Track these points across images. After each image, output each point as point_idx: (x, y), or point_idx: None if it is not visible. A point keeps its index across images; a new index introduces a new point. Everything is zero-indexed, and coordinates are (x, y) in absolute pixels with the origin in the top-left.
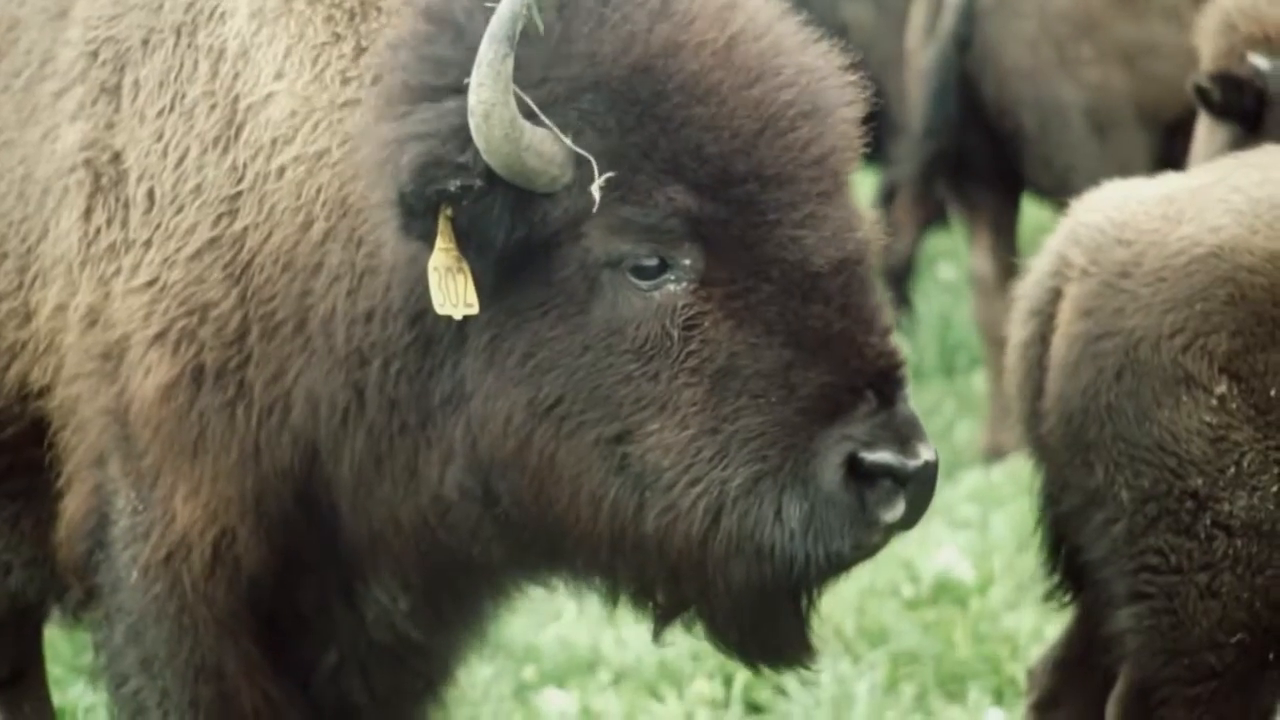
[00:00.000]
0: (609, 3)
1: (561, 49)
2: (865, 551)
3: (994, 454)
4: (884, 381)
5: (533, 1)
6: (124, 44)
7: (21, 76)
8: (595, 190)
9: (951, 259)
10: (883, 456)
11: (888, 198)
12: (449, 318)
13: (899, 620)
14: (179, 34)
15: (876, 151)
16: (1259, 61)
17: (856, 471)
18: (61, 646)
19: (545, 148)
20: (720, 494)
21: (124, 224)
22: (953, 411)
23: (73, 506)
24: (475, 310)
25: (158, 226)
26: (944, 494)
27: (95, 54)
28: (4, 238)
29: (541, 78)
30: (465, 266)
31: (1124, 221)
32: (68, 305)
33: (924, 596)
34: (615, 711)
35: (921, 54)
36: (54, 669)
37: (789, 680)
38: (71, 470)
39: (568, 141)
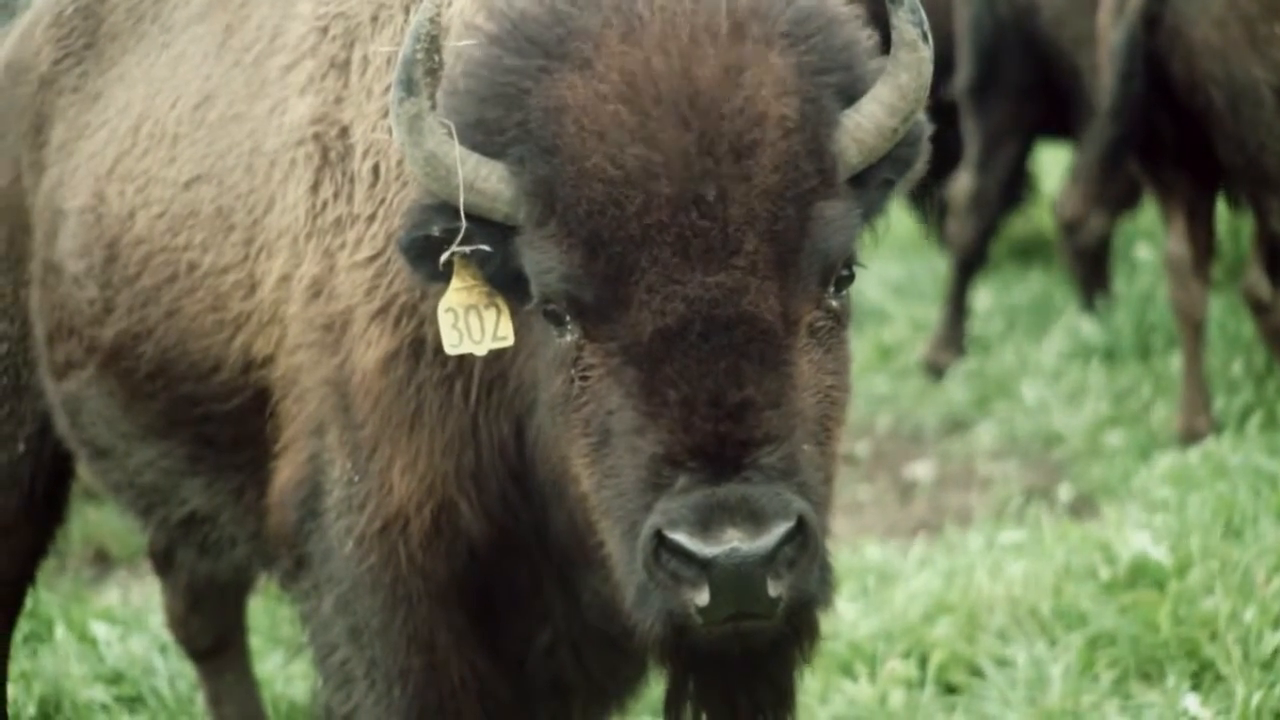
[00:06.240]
0: (554, 52)
1: (524, 93)
2: (685, 630)
3: (1189, 437)
4: (705, 458)
5: (422, 43)
6: (354, 19)
7: (252, 51)
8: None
9: (1150, 239)
10: (678, 537)
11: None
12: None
13: (1095, 603)
14: (408, 11)
15: (1070, 131)
16: None
17: (668, 548)
18: (259, 618)
19: (487, 186)
20: (610, 544)
21: (349, 198)
22: (1149, 393)
23: (286, 474)
24: (509, 343)
25: (382, 201)
26: (1140, 476)
27: (325, 29)
28: (232, 210)
29: (516, 120)
30: (499, 300)
31: None
32: (292, 276)
33: (1121, 579)
34: (810, 690)
35: (1112, 32)
36: (253, 640)
37: (984, 661)
38: (288, 439)
39: (449, 166)
